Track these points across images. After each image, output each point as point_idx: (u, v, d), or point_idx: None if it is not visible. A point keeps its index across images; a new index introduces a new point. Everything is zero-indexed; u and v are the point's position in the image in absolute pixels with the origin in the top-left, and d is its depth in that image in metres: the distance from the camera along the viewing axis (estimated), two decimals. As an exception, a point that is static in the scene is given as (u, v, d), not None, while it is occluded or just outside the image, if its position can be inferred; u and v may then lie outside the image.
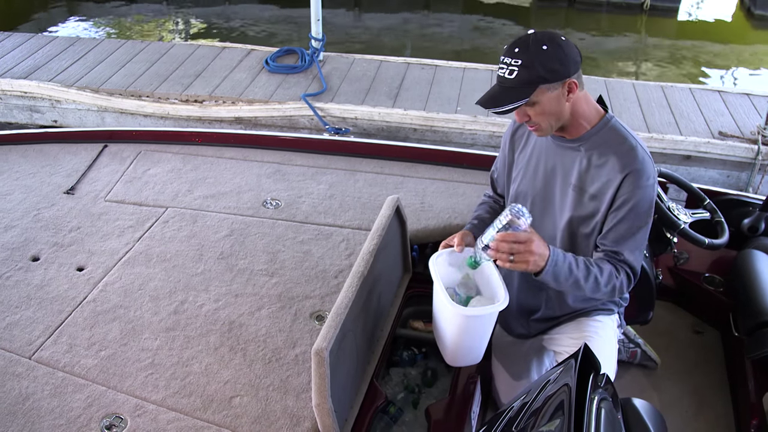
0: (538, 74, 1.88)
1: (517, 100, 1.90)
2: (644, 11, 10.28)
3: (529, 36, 1.91)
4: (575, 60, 1.92)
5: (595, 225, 2.08)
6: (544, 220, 2.19)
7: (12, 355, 2.36)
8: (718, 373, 2.86)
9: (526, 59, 1.87)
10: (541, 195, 2.18)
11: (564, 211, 2.12)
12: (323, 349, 1.87)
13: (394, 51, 7.86)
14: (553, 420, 1.57)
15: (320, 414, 1.95)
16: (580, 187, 2.06)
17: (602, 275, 2.02)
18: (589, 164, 2.04)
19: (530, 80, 1.89)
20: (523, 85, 1.89)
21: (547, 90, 1.91)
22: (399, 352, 2.58)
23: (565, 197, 2.11)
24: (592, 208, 2.06)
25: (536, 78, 1.88)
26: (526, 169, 2.22)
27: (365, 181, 3.40)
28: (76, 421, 2.11)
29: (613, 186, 1.99)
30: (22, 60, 6.47)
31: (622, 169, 1.97)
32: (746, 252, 2.92)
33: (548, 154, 2.14)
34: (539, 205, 2.19)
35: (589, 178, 2.04)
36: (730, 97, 6.02)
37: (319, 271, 2.76)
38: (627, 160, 1.97)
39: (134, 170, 3.49)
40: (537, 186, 2.18)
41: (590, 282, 2.01)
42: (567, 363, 1.72)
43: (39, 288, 2.68)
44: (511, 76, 1.89)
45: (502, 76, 1.92)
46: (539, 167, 2.17)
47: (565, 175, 2.11)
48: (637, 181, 1.96)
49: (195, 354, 2.37)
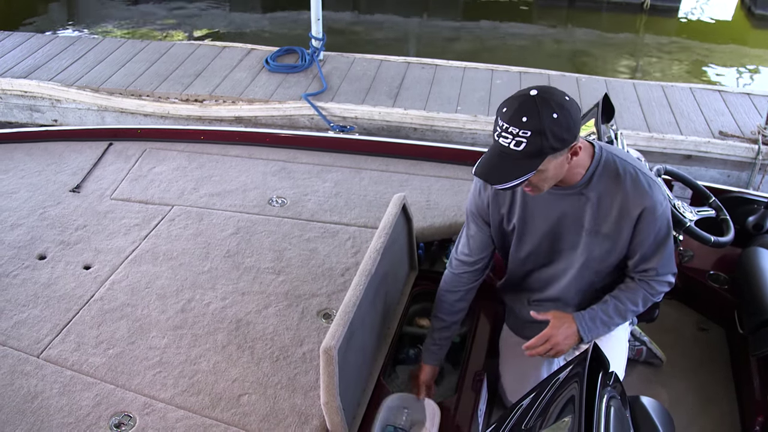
0: (550, 146, 1.76)
1: (525, 174, 1.78)
2: (644, 11, 10.28)
3: (535, 100, 1.75)
4: (579, 120, 1.83)
5: (611, 261, 2.11)
6: (555, 267, 2.20)
7: (20, 353, 2.36)
8: (723, 371, 2.86)
9: (537, 130, 1.73)
10: (548, 246, 2.16)
11: (578, 255, 2.12)
12: (332, 347, 1.87)
13: (395, 50, 7.85)
14: (563, 418, 1.58)
15: (329, 412, 1.96)
16: (594, 231, 2.05)
17: (638, 305, 2.12)
18: (598, 206, 2.01)
19: (540, 152, 1.76)
20: (530, 157, 1.77)
21: (553, 158, 1.80)
22: (405, 349, 2.59)
23: (577, 242, 2.10)
24: (608, 247, 2.06)
25: (547, 150, 1.76)
26: (525, 229, 2.15)
27: (370, 179, 3.40)
28: (85, 420, 2.11)
29: (629, 223, 2.00)
30: (23, 59, 6.45)
31: (634, 207, 1.96)
32: (751, 249, 2.93)
33: (547, 205, 2.08)
34: (546, 256, 2.19)
35: (601, 219, 2.03)
36: (731, 97, 6.03)
37: (326, 269, 2.76)
38: (636, 196, 1.95)
39: (139, 168, 3.49)
40: (541, 238, 2.15)
41: (629, 316, 2.14)
42: (576, 361, 1.73)
43: (46, 286, 2.67)
44: (518, 148, 1.75)
45: (506, 146, 1.77)
46: (541, 224, 2.12)
47: (575, 221, 2.07)
48: (653, 213, 1.98)
49: (203, 352, 2.37)
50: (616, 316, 2.11)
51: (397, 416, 2.20)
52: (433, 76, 6.33)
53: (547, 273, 2.25)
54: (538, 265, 2.25)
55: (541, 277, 2.27)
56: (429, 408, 2.22)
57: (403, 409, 2.22)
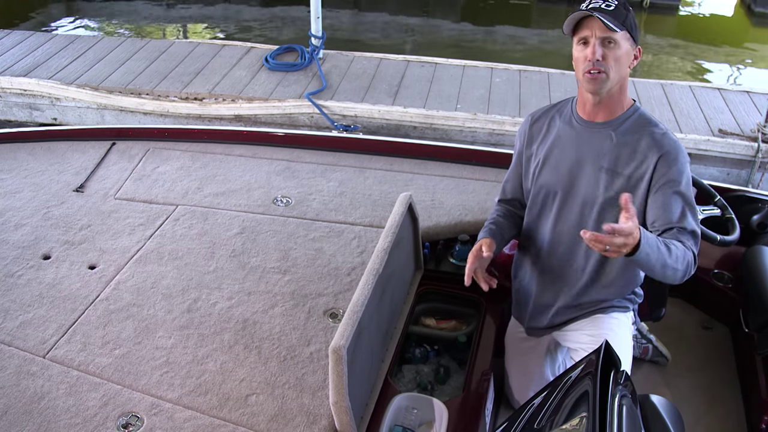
0: (630, 22, 2.00)
1: (616, 22, 1.96)
2: (644, 9, 10.29)
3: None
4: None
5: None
6: (571, 207, 2.20)
7: (26, 354, 2.35)
8: (728, 369, 2.87)
9: (622, 3, 1.99)
10: (567, 183, 2.19)
11: (596, 195, 2.14)
12: (341, 347, 1.87)
13: (394, 49, 7.85)
14: (575, 417, 1.58)
15: (338, 412, 1.96)
16: (612, 170, 2.10)
17: (678, 258, 1.96)
18: (621, 146, 2.09)
19: (624, 21, 1.98)
20: (617, 17, 1.97)
21: (627, 41, 2.02)
22: (411, 349, 2.59)
23: (596, 181, 2.13)
24: (626, 189, 2.06)
25: (628, 23, 2.00)
26: (547, 160, 2.23)
27: (375, 178, 3.39)
28: (92, 420, 2.11)
29: (648, 168, 2.04)
30: (22, 58, 6.45)
31: (655, 151, 2.04)
32: (755, 248, 2.94)
33: (574, 141, 2.17)
34: (564, 194, 2.21)
35: (622, 160, 2.09)
36: (730, 95, 6.05)
37: (332, 268, 2.76)
38: (659, 142, 2.04)
39: (143, 168, 3.47)
40: (561, 175, 2.20)
41: (670, 260, 1.95)
42: (588, 360, 1.73)
43: (51, 286, 2.66)
44: (609, 8, 1.97)
45: (596, 6, 1.98)
46: (564, 156, 2.19)
47: (595, 159, 2.13)
48: (673, 159, 2.03)
49: (210, 352, 2.36)
50: (666, 252, 1.93)
51: (405, 416, 2.20)
52: (432, 75, 6.34)
53: (563, 216, 2.22)
54: (555, 205, 2.23)
55: (557, 226, 2.24)
56: (437, 408, 2.22)
57: (412, 409, 2.22)
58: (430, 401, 2.24)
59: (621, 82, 2.07)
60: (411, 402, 2.24)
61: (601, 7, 1.97)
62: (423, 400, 2.25)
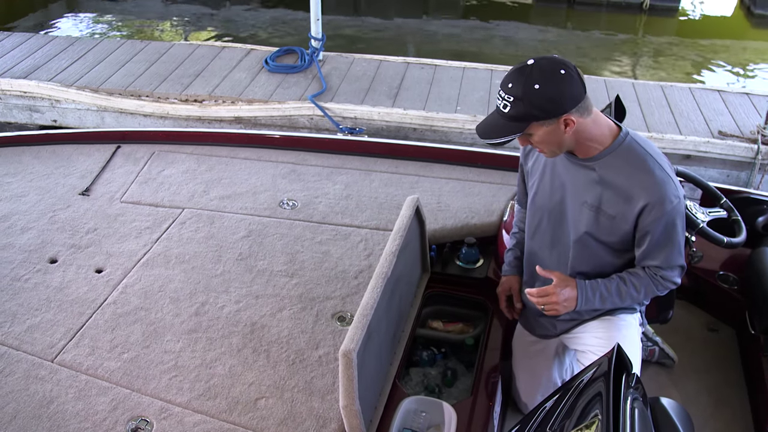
0: (530, 113, 1.90)
1: (510, 134, 1.94)
2: (644, 11, 10.31)
3: (526, 69, 1.89)
4: (573, 95, 1.90)
5: (613, 240, 2.11)
6: (561, 231, 2.22)
7: (34, 358, 2.35)
8: (734, 371, 2.88)
9: (518, 96, 1.89)
10: (557, 208, 2.20)
11: (579, 227, 2.14)
12: (351, 350, 1.87)
13: (395, 49, 7.85)
14: (587, 420, 1.59)
15: (348, 415, 1.96)
16: (596, 207, 2.08)
17: (639, 291, 2.13)
18: (605, 185, 2.04)
19: (522, 117, 1.91)
20: (514, 120, 1.92)
21: (540, 125, 1.93)
22: (419, 352, 2.59)
23: (579, 215, 2.13)
24: (610, 227, 2.08)
25: (527, 116, 1.91)
26: (541, 180, 2.24)
27: (381, 181, 3.40)
28: (102, 424, 2.10)
29: (632, 214, 2.02)
30: (22, 59, 6.44)
31: (642, 198, 1.98)
32: (761, 250, 2.94)
33: (561, 170, 2.16)
34: (555, 218, 2.22)
35: (605, 201, 2.05)
36: (730, 97, 6.06)
37: (339, 271, 2.76)
38: (646, 189, 1.97)
39: (149, 171, 3.47)
40: (553, 199, 2.20)
41: (627, 300, 2.16)
42: (600, 364, 1.73)
43: (58, 290, 2.66)
44: (505, 110, 1.92)
45: (498, 107, 1.95)
46: (554, 180, 2.18)
47: (575, 193, 2.12)
48: (659, 210, 1.98)
49: (218, 356, 2.36)
50: (616, 295, 2.14)
51: (414, 419, 2.20)
52: (432, 76, 6.34)
53: (555, 241, 2.26)
54: (547, 231, 2.28)
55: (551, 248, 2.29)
56: (446, 411, 2.22)
57: (420, 412, 2.22)
58: (439, 404, 2.24)
59: (568, 143, 2.01)
60: (419, 405, 2.24)
61: (500, 110, 1.94)
62: (431, 403, 2.25)
